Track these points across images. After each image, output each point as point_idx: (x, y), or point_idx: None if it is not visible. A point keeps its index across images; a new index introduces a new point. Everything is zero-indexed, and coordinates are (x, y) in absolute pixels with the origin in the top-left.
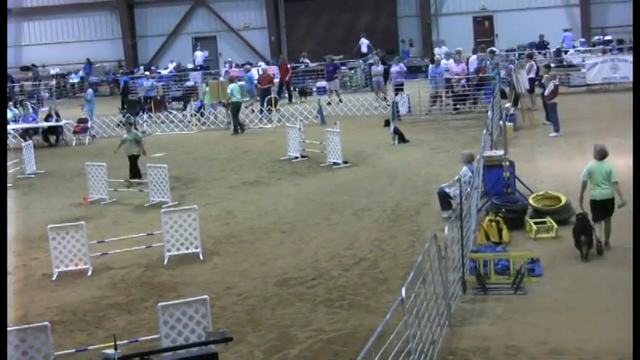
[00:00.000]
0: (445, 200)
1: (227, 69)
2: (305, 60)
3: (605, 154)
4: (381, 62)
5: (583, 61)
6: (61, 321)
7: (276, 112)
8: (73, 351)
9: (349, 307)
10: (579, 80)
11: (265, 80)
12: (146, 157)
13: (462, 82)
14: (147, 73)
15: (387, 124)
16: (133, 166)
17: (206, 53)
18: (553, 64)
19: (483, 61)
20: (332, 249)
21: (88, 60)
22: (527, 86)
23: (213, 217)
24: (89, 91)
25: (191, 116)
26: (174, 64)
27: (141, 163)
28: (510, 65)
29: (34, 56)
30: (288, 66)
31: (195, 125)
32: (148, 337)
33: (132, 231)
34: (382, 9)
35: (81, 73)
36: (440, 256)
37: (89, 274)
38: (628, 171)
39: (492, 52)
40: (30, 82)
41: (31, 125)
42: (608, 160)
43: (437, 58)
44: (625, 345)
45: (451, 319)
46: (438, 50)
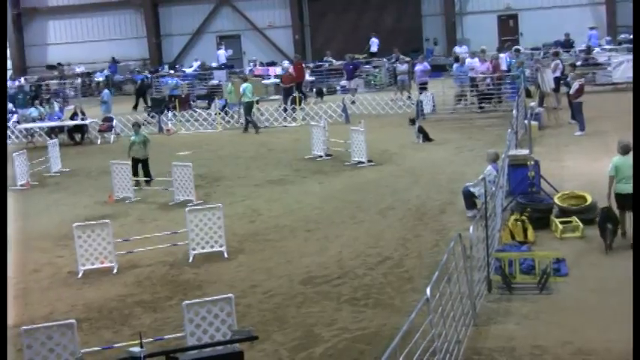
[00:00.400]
0: (470, 199)
1: (251, 68)
2: (328, 59)
3: (628, 149)
4: (396, 61)
5: (609, 59)
6: (86, 318)
7: (301, 111)
8: (98, 349)
9: (374, 306)
10: (605, 79)
11: (288, 79)
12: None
13: (487, 80)
14: (171, 72)
15: (413, 122)
16: (144, 167)
17: (230, 52)
18: (579, 63)
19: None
20: (357, 247)
21: (114, 58)
22: (553, 85)
23: (239, 216)
24: (105, 91)
25: (215, 115)
26: (198, 63)
27: (166, 162)
28: (534, 64)
29: (59, 55)
30: (303, 66)
31: (220, 124)
32: (173, 336)
33: (157, 229)
34: (406, 8)
35: (106, 72)
36: (465, 256)
37: (115, 272)
38: None
39: (517, 51)
40: (55, 81)
41: (56, 124)
42: (631, 155)
43: (462, 56)
44: None
45: (476, 319)
46: (459, 49)
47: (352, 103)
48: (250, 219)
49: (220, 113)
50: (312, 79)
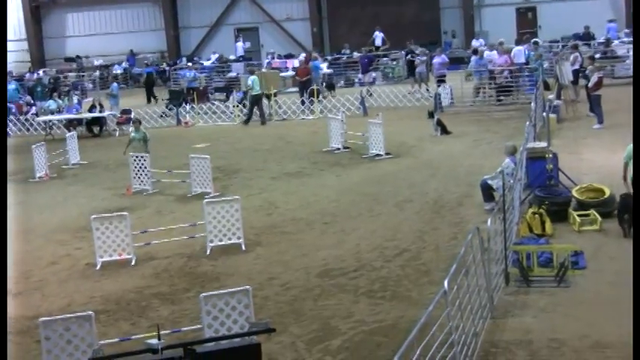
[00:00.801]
0: (488, 192)
1: (269, 60)
2: (346, 51)
3: None
4: (408, 54)
5: (628, 52)
6: (104, 310)
7: (319, 104)
8: (116, 340)
9: (391, 299)
10: (624, 72)
11: (304, 72)
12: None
13: (505, 73)
14: (189, 65)
15: (431, 115)
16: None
17: (248, 44)
18: (597, 56)
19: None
20: (374, 240)
21: (132, 51)
22: (571, 78)
23: (256, 208)
24: (114, 85)
25: (233, 107)
26: (216, 55)
27: (184, 154)
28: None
29: (77, 47)
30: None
31: (238, 116)
32: (190, 328)
33: (175, 221)
34: (425, 0)
35: (124, 64)
36: (482, 248)
37: (132, 263)
38: None
39: (536, 44)
40: (74, 74)
41: (74, 116)
42: None
43: (480, 49)
44: None
45: (494, 312)
46: (475, 42)
47: (370, 95)
48: (267, 211)
49: (238, 106)
50: (329, 71)
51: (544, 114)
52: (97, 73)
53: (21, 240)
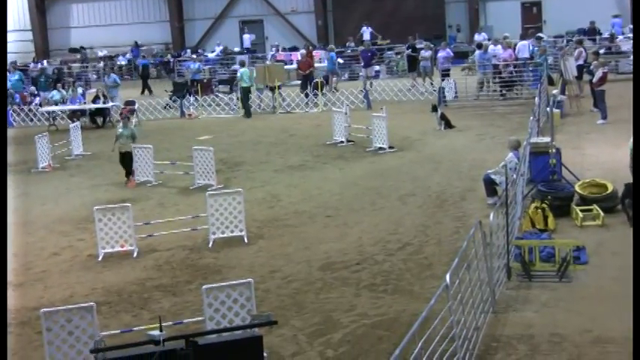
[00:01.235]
0: (491, 187)
1: (273, 53)
2: (351, 45)
3: None
4: (409, 48)
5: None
6: (106, 302)
7: (322, 97)
8: (118, 332)
9: (393, 292)
10: (628, 67)
11: (305, 66)
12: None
13: (510, 68)
14: (194, 56)
15: (435, 109)
16: (130, 162)
17: (253, 37)
18: (602, 51)
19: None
20: (376, 234)
21: (136, 43)
22: (575, 73)
23: (258, 201)
24: (112, 76)
25: (237, 99)
26: (221, 48)
27: (187, 146)
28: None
29: (82, 38)
30: (312, 54)
31: (241, 108)
32: (192, 320)
33: (177, 213)
34: None
35: (128, 56)
36: (485, 243)
37: (135, 255)
38: None
39: (539, 39)
40: (78, 65)
41: (78, 107)
42: None
43: (485, 43)
44: None
45: (495, 306)
46: (478, 37)
47: (361, 92)
48: (270, 204)
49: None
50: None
51: (548, 109)
52: (101, 64)
53: (23, 231)
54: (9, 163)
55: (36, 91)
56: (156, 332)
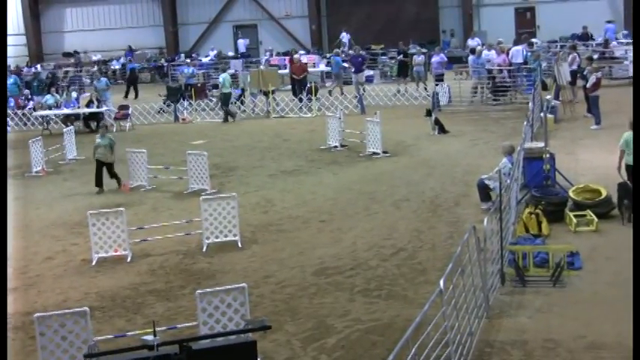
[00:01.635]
0: (485, 192)
1: (267, 57)
2: (345, 49)
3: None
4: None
5: (626, 53)
6: (100, 307)
7: (316, 101)
8: (111, 336)
9: (387, 298)
10: (622, 73)
11: (299, 70)
12: (115, 163)
13: (503, 73)
14: (188, 61)
15: (429, 114)
16: (110, 171)
17: (247, 41)
18: (595, 56)
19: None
20: (370, 239)
21: (130, 47)
22: (569, 78)
23: (252, 206)
24: (102, 79)
25: (231, 104)
26: (215, 52)
27: (181, 150)
28: (553, 56)
29: (76, 43)
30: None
31: (235, 113)
32: (186, 325)
33: (171, 218)
34: None
35: (122, 60)
36: (479, 248)
37: (128, 260)
38: None
39: (531, 44)
40: (72, 69)
41: (72, 111)
42: None
43: (478, 48)
44: None
45: (489, 311)
46: (471, 42)
47: (355, 97)
48: (264, 209)
49: (236, 103)
50: (328, 69)
51: (542, 114)
52: (95, 69)
53: (17, 235)
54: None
55: (30, 95)
56: (150, 337)
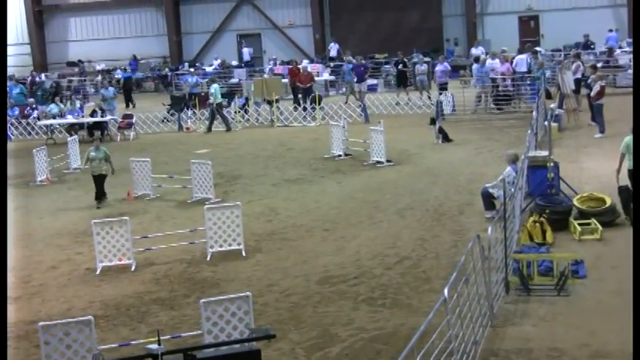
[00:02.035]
0: (489, 200)
1: (271, 66)
2: (348, 58)
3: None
4: (399, 64)
5: (630, 61)
6: (104, 315)
7: (320, 110)
8: (116, 345)
9: (391, 306)
10: (626, 81)
11: (306, 79)
12: (114, 176)
13: (507, 81)
14: (192, 70)
15: (433, 122)
16: (100, 186)
17: (251, 50)
18: (599, 65)
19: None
20: (374, 247)
21: (135, 56)
22: (573, 86)
23: (256, 214)
24: (110, 88)
25: (235, 113)
26: (218, 61)
27: (185, 159)
28: (558, 65)
29: (80, 52)
30: (299, 70)
31: (239, 122)
32: (190, 333)
33: (175, 227)
34: (428, 8)
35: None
36: (483, 257)
37: (133, 269)
38: None
39: (535, 53)
40: (76, 78)
41: (76, 120)
42: None
43: (482, 57)
44: None
45: (494, 320)
46: (475, 50)
47: (359, 106)
48: (268, 218)
49: (240, 111)
50: (332, 78)
51: (546, 123)
52: (99, 78)
53: (21, 244)
54: (7, 177)
55: (34, 105)
56: (154, 346)
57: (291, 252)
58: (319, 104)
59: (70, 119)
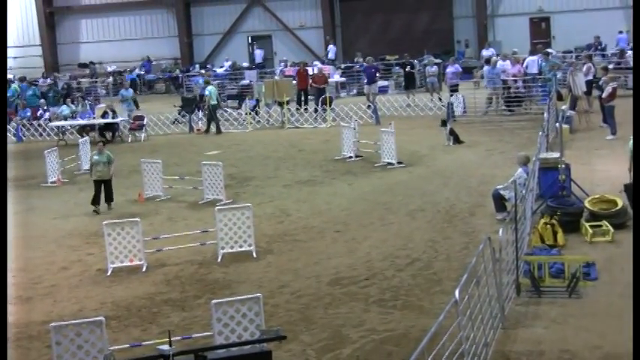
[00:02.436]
0: (500, 202)
1: (282, 68)
2: (359, 60)
3: None
4: (406, 66)
5: None
6: (115, 316)
7: (331, 112)
8: (127, 346)
9: (402, 308)
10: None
11: (320, 80)
12: (114, 179)
13: (518, 83)
14: (202, 72)
15: (444, 124)
16: (108, 189)
17: (263, 52)
18: (611, 66)
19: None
20: (385, 249)
21: (148, 57)
22: (585, 88)
23: (267, 216)
24: (130, 90)
25: (246, 114)
26: (229, 63)
27: (196, 161)
28: (569, 66)
29: (91, 53)
30: (307, 72)
31: (250, 123)
32: (201, 334)
33: (186, 228)
34: (438, 9)
35: (137, 71)
36: (494, 258)
37: (144, 270)
38: None
39: (546, 54)
40: (87, 80)
41: (87, 122)
42: None
43: (493, 59)
44: None
45: (505, 322)
46: (485, 52)
47: (368, 107)
48: (279, 219)
49: (251, 113)
50: (343, 79)
51: (557, 124)
52: (110, 80)
53: (32, 245)
54: (19, 178)
55: (45, 106)
56: (165, 347)
57: (302, 253)
58: (330, 106)
59: (80, 121)
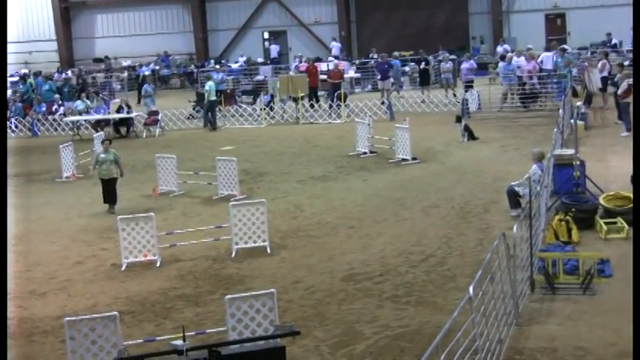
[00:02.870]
0: (514, 198)
1: (297, 64)
2: (374, 55)
3: None
4: (421, 62)
5: None
6: (129, 311)
7: (346, 108)
8: (141, 341)
9: (416, 304)
10: None
11: (336, 75)
12: (123, 178)
13: (534, 79)
14: (217, 67)
15: (459, 120)
16: (112, 189)
17: (278, 47)
18: (626, 63)
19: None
20: (399, 245)
21: (166, 52)
22: (600, 85)
23: (281, 211)
24: (150, 86)
25: (261, 110)
26: (244, 58)
27: (210, 156)
28: (584, 63)
29: (106, 48)
30: (317, 69)
31: (265, 119)
32: (215, 330)
33: (200, 223)
34: (453, 5)
35: (152, 66)
36: (508, 255)
37: (158, 265)
38: None
39: (563, 50)
40: (102, 74)
41: (102, 117)
42: None
43: (508, 55)
44: None
45: (519, 318)
46: (500, 48)
47: (382, 103)
48: (293, 215)
49: (265, 109)
50: (357, 75)
51: (572, 121)
52: (125, 74)
53: (47, 240)
54: (34, 173)
55: (60, 101)
56: (179, 342)
57: (316, 249)
58: (345, 101)
59: (95, 116)
